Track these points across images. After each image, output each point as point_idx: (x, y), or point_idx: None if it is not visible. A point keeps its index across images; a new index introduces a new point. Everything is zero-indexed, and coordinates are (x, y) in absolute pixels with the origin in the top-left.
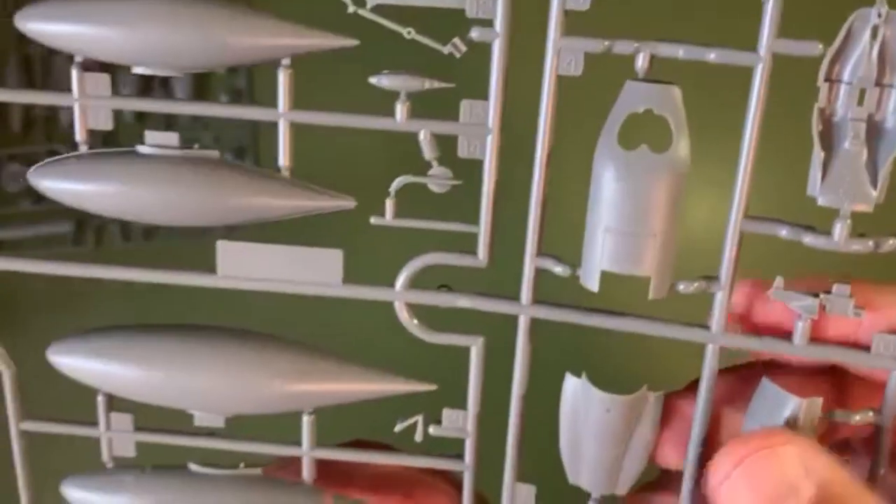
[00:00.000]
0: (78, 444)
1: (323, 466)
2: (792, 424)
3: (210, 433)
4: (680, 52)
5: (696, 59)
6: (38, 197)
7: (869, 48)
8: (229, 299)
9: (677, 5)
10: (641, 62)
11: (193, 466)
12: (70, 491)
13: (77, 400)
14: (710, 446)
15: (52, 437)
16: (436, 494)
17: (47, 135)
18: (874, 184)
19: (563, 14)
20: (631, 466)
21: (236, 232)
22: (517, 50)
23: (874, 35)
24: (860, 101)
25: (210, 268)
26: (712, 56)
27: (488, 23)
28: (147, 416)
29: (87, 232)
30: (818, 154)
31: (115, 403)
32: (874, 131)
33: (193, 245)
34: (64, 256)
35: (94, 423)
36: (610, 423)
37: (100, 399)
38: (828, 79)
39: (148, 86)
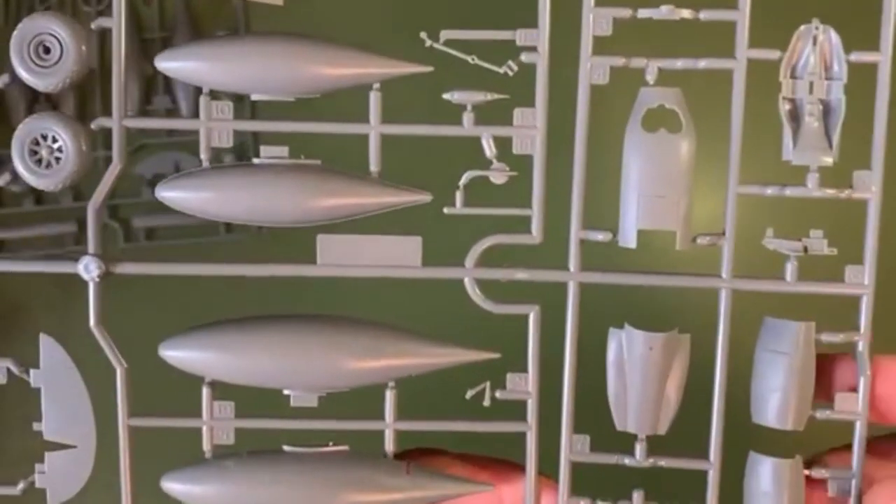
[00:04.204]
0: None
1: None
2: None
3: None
4: (678, 63)
5: (690, 69)
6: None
7: (812, 52)
8: (275, 285)
9: (679, 27)
10: (650, 73)
11: (287, 447)
12: (172, 486)
13: None
14: None
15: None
16: (508, 470)
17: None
18: (830, 146)
19: (591, 38)
20: (668, 408)
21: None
22: (557, 67)
23: (815, 43)
24: (811, 91)
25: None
26: (702, 64)
27: (533, 48)
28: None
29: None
30: (788, 128)
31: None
32: (826, 109)
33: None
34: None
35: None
36: (653, 361)
37: (205, 389)
38: (787, 76)
39: None
